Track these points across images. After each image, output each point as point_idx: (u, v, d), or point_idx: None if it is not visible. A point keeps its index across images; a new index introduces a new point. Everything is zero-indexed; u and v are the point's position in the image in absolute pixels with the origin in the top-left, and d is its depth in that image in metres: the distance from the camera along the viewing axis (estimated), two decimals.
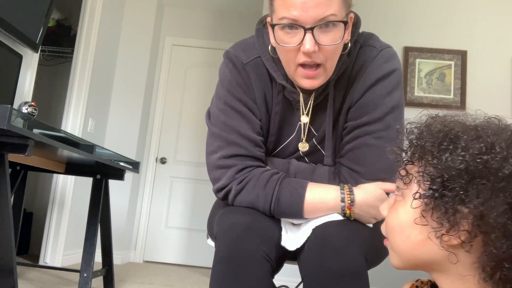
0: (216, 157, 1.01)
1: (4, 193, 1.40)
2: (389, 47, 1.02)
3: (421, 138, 0.60)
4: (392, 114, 0.98)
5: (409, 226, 0.61)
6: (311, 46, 0.87)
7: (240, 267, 0.86)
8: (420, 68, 2.96)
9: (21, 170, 2.21)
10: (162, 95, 4.13)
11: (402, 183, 0.63)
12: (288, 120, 1.05)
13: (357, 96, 1.00)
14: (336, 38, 0.90)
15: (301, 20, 0.87)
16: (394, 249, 0.64)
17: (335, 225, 0.91)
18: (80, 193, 3.25)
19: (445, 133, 0.58)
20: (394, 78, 0.99)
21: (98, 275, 2.19)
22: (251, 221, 0.93)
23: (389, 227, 0.64)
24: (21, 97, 2.54)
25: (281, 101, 1.04)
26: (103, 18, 3.42)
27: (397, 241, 0.63)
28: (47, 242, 3.07)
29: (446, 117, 0.62)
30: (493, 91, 2.90)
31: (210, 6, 4.18)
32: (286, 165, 1.05)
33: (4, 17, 2.17)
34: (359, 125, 0.98)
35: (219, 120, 1.03)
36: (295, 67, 0.94)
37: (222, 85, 1.05)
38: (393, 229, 0.63)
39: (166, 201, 4.02)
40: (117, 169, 2.20)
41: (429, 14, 3.03)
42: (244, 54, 1.05)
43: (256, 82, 1.04)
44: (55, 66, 3.82)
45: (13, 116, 1.25)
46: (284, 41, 0.91)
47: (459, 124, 0.60)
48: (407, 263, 0.64)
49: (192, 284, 3.02)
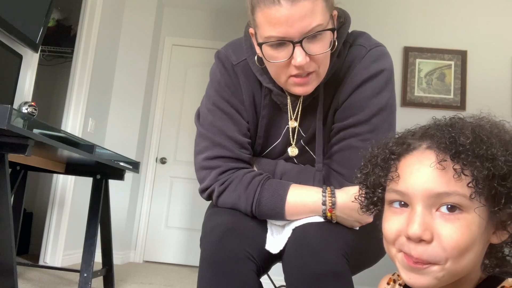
0: (201, 157, 1.02)
1: (4, 193, 1.40)
2: (379, 46, 1.00)
3: (473, 142, 0.57)
4: (380, 116, 0.96)
5: (479, 238, 0.57)
6: (302, 59, 0.86)
7: (224, 267, 0.87)
8: (420, 68, 2.96)
9: (21, 170, 2.21)
10: (162, 95, 4.13)
11: (468, 201, 0.56)
12: (275, 123, 1.04)
13: (343, 97, 0.98)
14: (325, 46, 0.89)
15: (288, 36, 0.85)
16: (455, 271, 0.57)
17: (314, 226, 0.91)
18: (80, 193, 3.25)
19: (482, 139, 0.57)
20: (382, 78, 0.97)
21: (98, 275, 2.19)
22: (233, 222, 0.93)
23: (461, 248, 0.56)
24: (21, 97, 2.54)
25: (268, 104, 1.03)
26: (103, 18, 3.42)
27: (465, 261, 0.57)
28: (47, 242, 3.07)
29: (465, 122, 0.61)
30: (493, 91, 2.91)
31: (210, 6, 4.18)
32: (273, 166, 1.04)
33: (4, 17, 2.17)
34: (345, 127, 0.97)
35: (207, 121, 1.03)
36: (286, 78, 0.92)
37: (211, 86, 1.06)
38: (466, 248, 0.56)
39: (166, 201, 4.02)
40: (117, 169, 2.20)
41: (429, 14, 3.03)
42: (234, 54, 1.04)
43: (245, 83, 1.03)
44: (55, 66, 3.82)
45: (13, 116, 1.25)
46: (273, 56, 0.89)
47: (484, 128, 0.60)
48: (450, 281, 0.60)
49: (192, 284, 3.02)
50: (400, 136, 0.65)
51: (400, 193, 0.59)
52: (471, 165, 0.55)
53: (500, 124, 0.61)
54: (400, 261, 0.60)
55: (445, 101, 2.90)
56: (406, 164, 0.61)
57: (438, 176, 0.56)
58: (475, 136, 0.57)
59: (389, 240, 0.61)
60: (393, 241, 0.60)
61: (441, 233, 0.56)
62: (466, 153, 0.55)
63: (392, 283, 0.74)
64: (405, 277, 0.59)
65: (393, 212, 0.61)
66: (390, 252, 0.62)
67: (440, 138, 0.58)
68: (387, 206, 0.63)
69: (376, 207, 0.67)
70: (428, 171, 0.57)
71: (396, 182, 0.60)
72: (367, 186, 0.67)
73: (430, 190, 0.56)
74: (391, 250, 0.61)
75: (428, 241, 0.56)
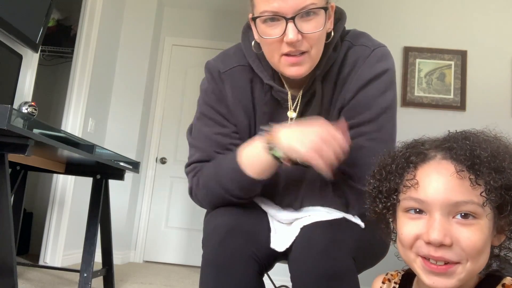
0: (187, 164, 1.08)
1: (4, 193, 1.40)
2: (382, 46, 1.01)
3: (480, 156, 0.62)
4: (385, 115, 0.97)
5: (489, 241, 0.63)
6: (294, 35, 0.88)
7: (226, 268, 0.87)
8: (420, 68, 2.96)
9: (21, 170, 2.21)
10: (162, 95, 4.13)
11: (480, 208, 0.61)
12: (276, 119, 1.05)
13: (349, 96, 0.99)
14: (318, 25, 0.91)
15: (281, 11, 0.88)
16: (473, 270, 0.62)
17: (322, 225, 0.91)
18: (80, 193, 3.25)
19: (495, 153, 0.62)
20: (387, 78, 0.98)
21: (98, 275, 2.19)
22: (235, 221, 0.93)
23: (477, 249, 0.60)
24: (21, 97, 2.54)
25: (269, 101, 1.04)
26: (103, 18, 3.42)
27: (481, 261, 0.62)
28: (47, 242, 3.07)
29: (479, 136, 0.66)
30: (493, 91, 2.90)
31: (210, 6, 4.18)
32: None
33: (4, 17, 2.17)
34: (352, 126, 0.97)
35: (195, 128, 1.08)
36: (279, 57, 0.94)
37: (200, 96, 1.10)
38: (482, 249, 0.61)
39: (166, 201, 4.02)
40: (117, 169, 2.20)
41: (429, 14, 3.02)
42: (222, 64, 1.07)
43: (231, 89, 1.05)
44: (55, 66, 3.82)
45: (13, 116, 1.25)
46: (267, 33, 0.92)
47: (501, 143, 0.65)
48: (468, 280, 0.64)
49: (192, 284, 3.02)
50: (414, 146, 0.69)
51: (419, 201, 0.63)
52: (488, 176, 0.60)
53: (504, 138, 0.66)
54: (420, 266, 0.63)
55: (445, 101, 2.90)
56: (424, 173, 0.64)
57: (457, 185, 0.61)
58: (491, 150, 0.62)
59: (407, 244, 0.64)
60: (410, 245, 0.64)
61: (459, 237, 0.60)
62: (483, 164, 0.61)
63: (387, 282, 0.76)
64: (428, 281, 0.62)
65: (410, 218, 0.65)
66: (408, 257, 0.65)
67: (459, 150, 0.63)
68: (402, 212, 0.66)
69: (388, 212, 0.70)
70: (447, 181, 0.62)
71: (415, 189, 0.64)
72: (381, 191, 0.70)
73: (449, 199, 0.61)
74: (409, 255, 0.65)
75: (448, 245, 0.60)
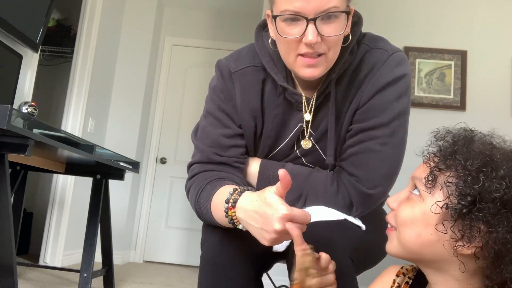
0: (189, 164, 1.07)
1: (4, 193, 1.40)
2: (400, 51, 1.00)
3: (457, 151, 0.62)
4: (398, 120, 0.96)
5: (422, 225, 0.64)
6: (314, 37, 0.86)
7: (224, 268, 0.87)
8: (420, 68, 2.96)
9: (21, 170, 2.21)
10: (162, 95, 4.13)
11: (425, 186, 0.64)
12: (287, 122, 1.05)
13: (365, 98, 0.98)
14: (338, 29, 0.89)
15: (303, 12, 0.86)
16: (401, 240, 0.67)
17: (321, 225, 0.90)
18: (80, 193, 3.25)
19: (487, 156, 0.60)
20: (404, 83, 0.97)
21: (98, 275, 2.19)
22: None
23: (401, 220, 0.67)
24: (21, 97, 2.54)
25: (282, 103, 1.03)
26: (103, 18, 3.42)
27: (406, 234, 0.66)
28: (47, 242, 3.07)
29: (485, 138, 0.65)
30: (493, 91, 2.90)
31: (210, 6, 4.18)
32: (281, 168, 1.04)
33: (4, 17, 2.17)
34: (364, 129, 0.97)
35: (200, 127, 1.07)
36: (295, 57, 0.92)
37: (208, 94, 1.09)
38: (405, 223, 0.66)
39: (166, 201, 4.02)
40: (117, 169, 2.20)
41: (429, 14, 3.02)
42: (234, 63, 1.06)
43: (241, 89, 1.03)
44: (55, 66, 3.82)
45: (13, 116, 1.25)
46: (286, 32, 0.90)
47: (502, 150, 0.62)
48: (407, 255, 0.68)
49: (192, 284, 3.02)
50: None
51: None
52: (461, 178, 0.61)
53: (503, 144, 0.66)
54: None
55: (445, 101, 2.90)
56: None
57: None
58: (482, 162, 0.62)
59: None
60: None
61: None
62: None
63: (401, 276, 0.77)
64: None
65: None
66: None
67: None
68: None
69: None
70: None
71: None
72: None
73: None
74: None
75: None
